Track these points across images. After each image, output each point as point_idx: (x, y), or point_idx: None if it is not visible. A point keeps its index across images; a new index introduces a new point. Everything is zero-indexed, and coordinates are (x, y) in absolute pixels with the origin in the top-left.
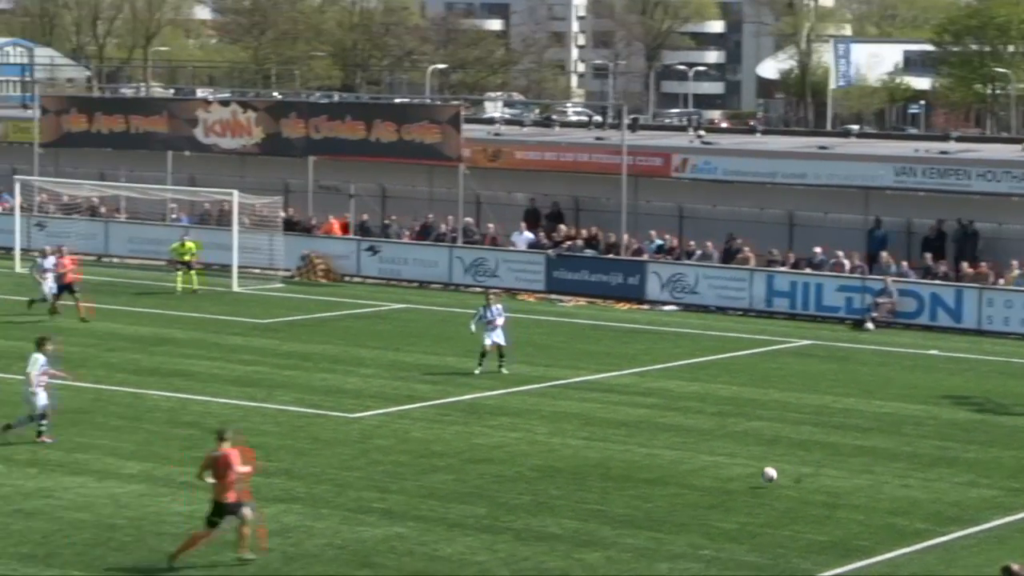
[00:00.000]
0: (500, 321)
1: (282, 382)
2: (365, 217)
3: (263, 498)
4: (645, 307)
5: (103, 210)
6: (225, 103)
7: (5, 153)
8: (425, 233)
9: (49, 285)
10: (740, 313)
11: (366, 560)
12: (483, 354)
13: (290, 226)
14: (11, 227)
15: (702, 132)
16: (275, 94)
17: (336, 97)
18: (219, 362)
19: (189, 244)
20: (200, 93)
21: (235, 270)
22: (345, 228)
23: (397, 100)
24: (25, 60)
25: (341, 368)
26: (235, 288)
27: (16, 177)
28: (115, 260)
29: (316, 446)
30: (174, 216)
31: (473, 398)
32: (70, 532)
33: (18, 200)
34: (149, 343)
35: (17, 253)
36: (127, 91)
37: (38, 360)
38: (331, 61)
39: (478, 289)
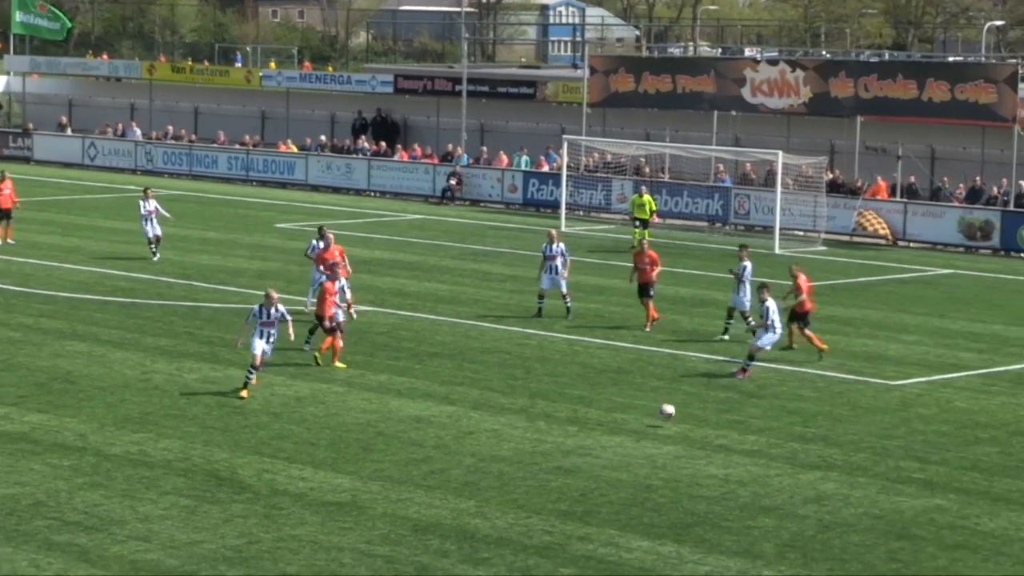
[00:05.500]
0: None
1: None
2: (912, 179)
3: (800, 464)
4: None
5: (647, 170)
6: (773, 62)
7: (554, 113)
8: (974, 196)
9: None
10: None
11: (904, 531)
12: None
13: (834, 188)
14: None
15: None
16: (824, 53)
17: (886, 56)
18: None
19: (647, 198)
20: (748, 52)
21: (777, 232)
22: (891, 191)
23: (951, 59)
24: (577, 20)
25: (883, 334)
26: (776, 250)
27: (564, 136)
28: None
29: (855, 413)
30: (718, 177)
31: (1021, 368)
32: (607, 491)
33: (565, 159)
34: (689, 304)
35: (563, 211)
36: (675, 51)
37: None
38: (883, 19)
39: None
